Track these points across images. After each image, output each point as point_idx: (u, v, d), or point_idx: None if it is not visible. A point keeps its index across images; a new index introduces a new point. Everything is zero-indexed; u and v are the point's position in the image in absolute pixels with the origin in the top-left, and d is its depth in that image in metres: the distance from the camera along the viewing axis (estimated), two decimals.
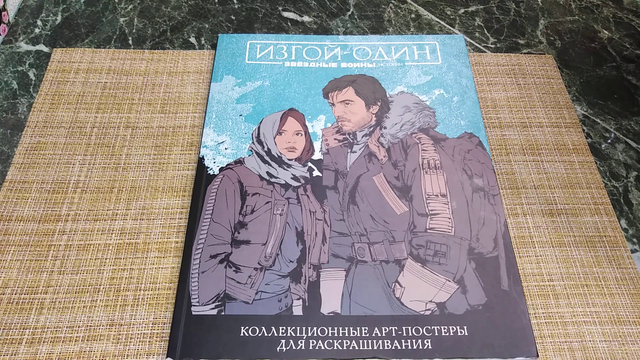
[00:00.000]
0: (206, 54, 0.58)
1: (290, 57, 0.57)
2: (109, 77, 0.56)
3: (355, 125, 0.51)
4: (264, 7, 0.64)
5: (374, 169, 0.49)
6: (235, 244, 0.44)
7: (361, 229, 0.45)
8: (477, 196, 0.47)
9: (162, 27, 0.61)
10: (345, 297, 0.42)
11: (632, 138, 0.55)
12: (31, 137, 0.51)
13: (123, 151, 0.50)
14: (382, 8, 0.65)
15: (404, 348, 0.39)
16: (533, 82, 0.58)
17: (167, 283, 0.43)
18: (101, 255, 0.44)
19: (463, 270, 0.43)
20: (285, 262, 0.43)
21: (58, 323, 0.41)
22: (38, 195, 0.47)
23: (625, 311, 0.43)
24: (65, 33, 0.60)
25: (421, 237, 0.45)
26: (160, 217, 0.47)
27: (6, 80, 0.55)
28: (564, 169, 0.51)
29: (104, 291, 0.42)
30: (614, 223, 0.48)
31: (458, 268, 0.43)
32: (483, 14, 0.65)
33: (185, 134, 0.52)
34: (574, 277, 0.45)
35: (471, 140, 0.51)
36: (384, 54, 0.58)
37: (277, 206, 0.46)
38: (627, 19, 0.66)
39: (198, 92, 0.55)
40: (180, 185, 0.49)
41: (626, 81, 0.60)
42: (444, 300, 0.42)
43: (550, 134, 0.54)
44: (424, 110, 0.53)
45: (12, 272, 0.43)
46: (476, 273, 0.43)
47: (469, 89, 0.55)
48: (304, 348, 0.39)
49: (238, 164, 0.48)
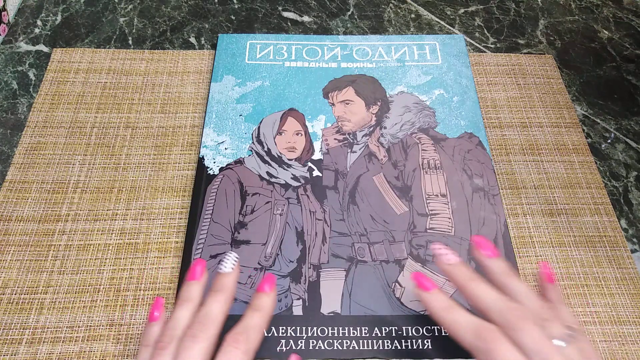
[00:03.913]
0: (206, 54, 0.58)
1: (290, 57, 0.57)
2: (109, 77, 0.56)
3: (355, 125, 0.51)
4: (264, 7, 0.64)
5: (374, 169, 0.49)
6: (235, 244, 0.44)
7: (361, 229, 0.45)
8: (477, 196, 0.47)
9: (162, 27, 0.61)
10: (345, 297, 0.42)
11: (632, 138, 0.55)
12: (31, 137, 0.51)
13: (123, 151, 0.50)
14: (382, 8, 0.65)
15: (403, 348, 0.39)
16: (533, 82, 0.58)
17: (167, 283, 0.43)
18: (101, 255, 0.44)
19: None
20: (285, 262, 0.43)
21: (58, 323, 0.41)
22: (38, 195, 0.47)
23: (625, 311, 0.43)
24: (65, 33, 0.60)
25: (421, 237, 0.45)
26: (160, 217, 0.47)
27: (6, 80, 0.55)
28: (564, 169, 0.51)
29: (104, 291, 0.42)
30: (614, 223, 0.48)
31: None
32: (483, 14, 0.65)
33: (185, 134, 0.52)
34: (574, 277, 0.45)
35: (471, 140, 0.51)
36: (384, 54, 0.58)
37: (277, 206, 0.46)
38: (627, 19, 0.66)
39: (198, 92, 0.55)
40: (180, 185, 0.49)
41: (626, 81, 0.60)
42: None
43: (550, 134, 0.54)
44: (424, 110, 0.53)
45: (12, 272, 0.43)
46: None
47: (469, 89, 0.55)
48: (304, 348, 0.39)
49: (238, 164, 0.48)
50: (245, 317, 0.34)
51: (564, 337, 0.29)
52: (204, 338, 0.31)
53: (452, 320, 0.32)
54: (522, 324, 0.29)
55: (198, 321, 0.33)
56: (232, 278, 0.36)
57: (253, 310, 0.34)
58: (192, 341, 0.31)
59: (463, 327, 0.31)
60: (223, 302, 0.34)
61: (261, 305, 0.35)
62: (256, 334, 0.33)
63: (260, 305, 0.35)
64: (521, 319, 0.30)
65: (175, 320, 0.33)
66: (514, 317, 0.30)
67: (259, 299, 0.35)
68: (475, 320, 0.31)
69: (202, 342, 0.31)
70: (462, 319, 0.31)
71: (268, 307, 0.35)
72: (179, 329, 0.33)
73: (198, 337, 0.31)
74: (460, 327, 0.31)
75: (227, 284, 0.35)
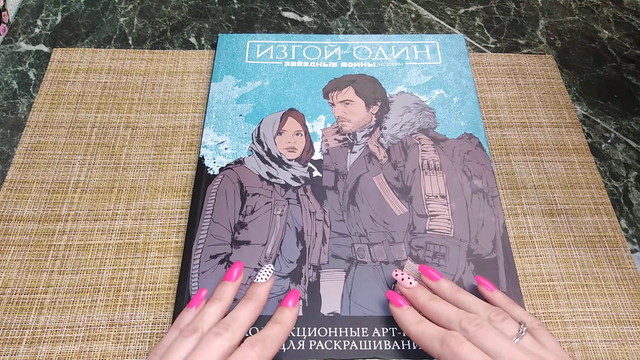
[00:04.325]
0: (206, 54, 0.58)
1: (290, 57, 0.57)
2: (109, 77, 0.56)
3: (355, 126, 0.51)
4: (264, 7, 0.64)
5: (374, 170, 0.49)
6: (235, 244, 0.44)
7: (361, 230, 0.45)
8: (476, 198, 0.47)
9: (162, 27, 0.61)
10: (345, 298, 0.42)
11: (632, 138, 0.55)
12: (31, 137, 0.51)
13: (123, 151, 0.50)
14: (382, 8, 0.65)
15: (403, 348, 0.39)
16: (533, 82, 0.58)
17: (167, 283, 0.43)
18: (101, 255, 0.44)
19: (462, 271, 0.43)
20: (285, 263, 0.43)
21: (58, 323, 0.41)
22: (38, 195, 0.47)
23: (625, 311, 0.43)
24: (65, 33, 0.60)
25: (420, 238, 0.45)
26: (160, 217, 0.47)
27: (6, 80, 0.55)
28: (564, 169, 0.51)
29: (104, 291, 0.42)
30: (614, 223, 0.48)
31: (457, 269, 0.43)
32: (483, 14, 0.65)
33: (185, 134, 0.52)
34: (573, 277, 0.45)
35: (471, 141, 0.51)
36: (384, 54, 0.58)
37: (277, 207, 0.46)
38: (627, 19, 0.66)
39: (198, 92, 0.55)
40: (180, 185, 0.49)
41: (626, 81, 0.60)
42: None
43: (550, 134, 0.54)
44: (424, 111, 0.53)
45: (12, 272, 0.43)
46: (475, 275, 0.43)
47: (469, 89, 0.55)
48: (304, 348, 0.39)
49: (238, 164, 0.48)
50: (266, 327, 0.36)
51: (517, 333, 0.33)
52: (226, 338, 0.33)
53: (421, 333, 0.35)
54: (481, 330, 0.33)
55: (224, 321, 0.35)
56: (264, 288, 0.39)
57: (274, 322, 0.36)
58: (214, 337, 0.33)
59: (430, 337, 0.34)
60: (252, 310, 0.36)
61: (283, 319, 0.37)
62: (273, 344, 0.35)
63: (281, 319, 0.37)
64: (479, 326, 0.33)
65: (205, 315, 0.36)
66: (472, 325, 0.33)
67: (282, 313, 0.37)
68: (441, 330, 0.34)
69: (223, 340, 0.33)
70: (429, 330, 0.35)
71: (289, 322, 0.37)
72: (205, 323, 0.35)
73: (221, 335, 0.33)
74: (428, 337, 0.34)
75: (259, 294, 0.38)
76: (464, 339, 0.33)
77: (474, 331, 0.33)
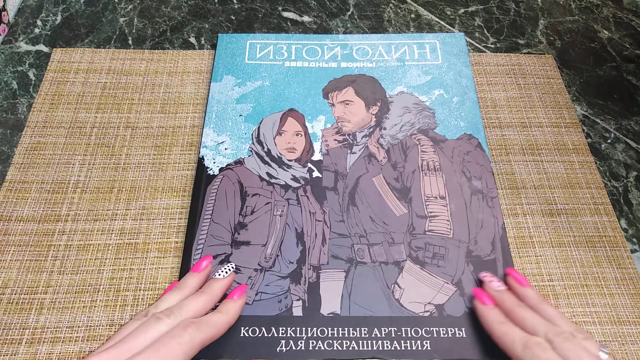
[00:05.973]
0: (206, 54, 0.58)
1: (290, 57, 0.57)
2: (109, 77, 0.56)
3: (355, 126, 0.51)
4: (264, 7, 0.64)
5: (374, 170, 0.49)
6: (235, 244, 0.44)
7: (361, 230, 0.45)
8: (475, 198, 0.47)
9: (162, 27, 0.61)
10: (345, 298, 0.42)
11: (632, 138, 0.55)
12: (31, 137, 0.51)
13: (123, 151, 0.51)
14: (382, 8, 0.65)
15: (403, 349, 0.39)
16: (533, 82, 0.58)
17: (167, 283, 0.43)
18: (101, 255, 0.44)
19: (461, 272, 0.43)
20: (285, 263, 0.43)
21: (58, 323, 0.41)
22: (38, 195, 0.47)
23: (625, 311, 0.43)
24: (65, 33, 0.60)
25: (420, 239, 0.45)
26: (160, 217, 0.47)
27: (6, 80, 0.55)
28: (563, 169, 0.51)
29: (103, 291, 0.43)
30: (613, 223, 0.48)
31: (456, 270, 0.43)
32: (483, 14, 0.65)
33: (185, 134, 0.52)
34: (573, 277, 0.45)
35: (470, 142, 0.50)
36: (384, 53, 0.58)
37: (277, 207, 0.46)
38: (627, 19, 0.66)
39: (198, 92, 0.55)
40: (180, 185, 0.49)
41: (626, 81, 0.60)
42: (443, 302, 0.42)
43: (550, 134, 0.54)
44: (424, 111, 0.53)
45: (12, 272, 0.43)
46: (474, 276, 0.43)
47: (469, 90, 0.55)
48: (303, 348, 0.39)
49: (238, 165, 0.48)
50: (207, 314, 0.37)
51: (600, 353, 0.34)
52: (166, 323, 0.34)
53: (504, 332, 0.36)
54: (567, 344, 0.34)
55: (170, 308, 0.36)
56: (220, 284, 0.39)
57: (216, 311, 0.38)
58: (155, 321, 0.35)
59: (512, 339, 0.35)
60: (201, 302, 0.37)
61: (225, 309, 0.38)
62: (209, 329, 0.36)
63: (224, 309, 0.38)
64: (565, 339, 0.34)
65: (161, 301, 0.37)
66: (559, 337, 0.34)
67: (225, 304, 0.38)
68: (525, 335, 0.35)
69: (162, 325, 0.34)
70: (513, 332, 0.36)
71: (232, 312, 0.38)
72: (158, 309, 0.36)
73: (161, 320, 0.35)
74: (510, 338, 0.35)
75: (214, 289, 0.39)
76: (549, 347, 0.34)
77: (560, 342, 0.34)
